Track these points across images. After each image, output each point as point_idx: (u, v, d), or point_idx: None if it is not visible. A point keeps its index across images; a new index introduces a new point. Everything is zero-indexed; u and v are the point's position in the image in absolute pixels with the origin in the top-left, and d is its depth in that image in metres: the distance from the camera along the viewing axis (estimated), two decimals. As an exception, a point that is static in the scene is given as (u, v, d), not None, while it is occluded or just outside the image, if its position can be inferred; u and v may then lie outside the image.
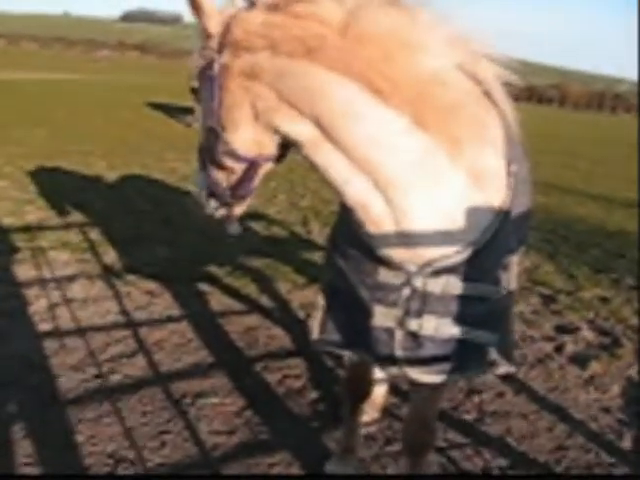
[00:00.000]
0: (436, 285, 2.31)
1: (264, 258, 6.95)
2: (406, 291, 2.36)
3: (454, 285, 2.31)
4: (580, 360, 5.05)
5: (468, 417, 4.13)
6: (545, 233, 9.21)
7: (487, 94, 2.23)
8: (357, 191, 2.20)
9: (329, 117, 2.07)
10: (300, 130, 2.14)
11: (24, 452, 3.44)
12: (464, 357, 2.47)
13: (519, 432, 4.01)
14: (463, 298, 2.34)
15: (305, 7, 2.02)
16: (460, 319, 2.38)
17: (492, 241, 2.27)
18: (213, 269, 6.48)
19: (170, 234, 7.53)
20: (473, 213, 2.22)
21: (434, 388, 2.67)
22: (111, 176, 10.59)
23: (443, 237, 2.23)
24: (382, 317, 2.46)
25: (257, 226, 8.27)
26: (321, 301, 2.86)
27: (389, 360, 2.57)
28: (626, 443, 3.96)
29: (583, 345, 5.37)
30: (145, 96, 28.67)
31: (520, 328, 5.60)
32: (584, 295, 6.65)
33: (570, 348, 5.28)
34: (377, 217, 2.23)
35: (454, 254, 2.26)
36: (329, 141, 2.13)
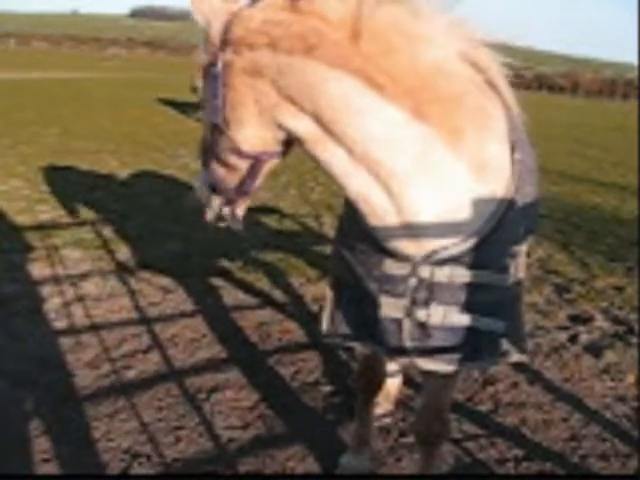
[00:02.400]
0: (442, 274, 2.31)
1: (276, 252, 6.96)
2: (412, 281, 2.36)
3: (460, 274, 2.32)
4: (595, 349, 5.03)
5: (483, 408, 4.13)
6: (557, 222, 9.17)
7: (489, 82, 2.22)
8: (359, 184, 2.21)
9: (328, 113, 2.08)
10: (302, 126, 2.15)
11: (41, 449, 3.47)
12: (475, 346, 2.47)
13: (534, 422, 4.00)
14: (470, 287, 2.35)
15: (307, 4, 2.03)
16: (467, 307, 2.38)
17: (497, 230, 2.27)
18: (226, 264, 6.50)
19: (182, 230, 7.54)
20: (476, 202, 2.22)
21: (446, 377, 2.68)
22: (123, 173, 10.62)
23: (446, 227, 2.24)
24: (390, 308, 2.47)
25: (269, 220, 8.28)
26: (330, 294, 2.87)
27: (399, 351, 2.58)
28: (642, 432, 3.95)
29: (598, 334, 5.35)
30: (155, 92, 28.73)
31: (534, 318, 5.59)
32: (598, 284, 6.62)
33: (584, 337, 5.26)
34: (380, 209, 2.24)
35: (458, 243, 2.26)
36: (330, 136, 2.13)
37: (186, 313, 5.33)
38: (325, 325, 2.88)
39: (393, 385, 4.02)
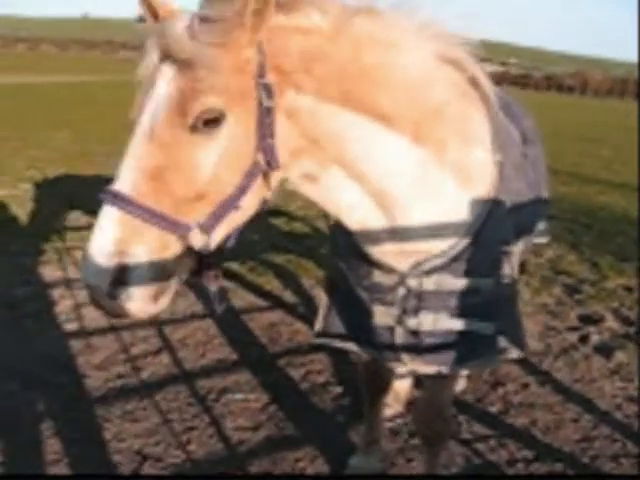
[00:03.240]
0: (430, 283, 2.32)
1: (286, 254, 6.97)
2: (401, 291, 2.38)
3: (447, 281, 2.32)
4: (605, 350, 5.02)
5: (493, 409, 4.12)
6: (567, 222, 9.14)
7: (471, 80, 2.21)
8: (363, 214, 2.21)
9: (350, 156, 2.05)
10: (324, 170, 2.07)
11: (52, 450, 3.49)
12: (468, 348, 2.47)
13: (544, 423, 3.99)
14: (457, 292, 2.35)
15: (298, 19, 1.88)
16: (456, 312, 2.39)
17: (480, 234, 2.27)
18: (235, 266, 6.50)
19: (192, 232, 7.53)
20: (462, 210, 2.24)
21: (441, 378, 2.69)
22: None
23: (433, 239, 2.25)
24: (382, 316, 2.49)
25: (279, 222, 8.29)
26: (324, 297, 2.87)
27: (392, 356, 2.59)
28: (653, 433, 3.93)
29: (608, 335, 5.33)
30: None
31: (544, 319, 5.58)
32: (608, 284, 6.59)
33: (595, 338, 5.24)
34: (375, 231, 2.26)
35: (443, 252, 2.27)
36: (349, 176, 2.10)
37: (196, 315, 5.34)
38: (318, 325, 2.87)
39: (403, 387, 4.02)
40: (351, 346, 2.78)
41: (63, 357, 4.48)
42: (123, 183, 1.81)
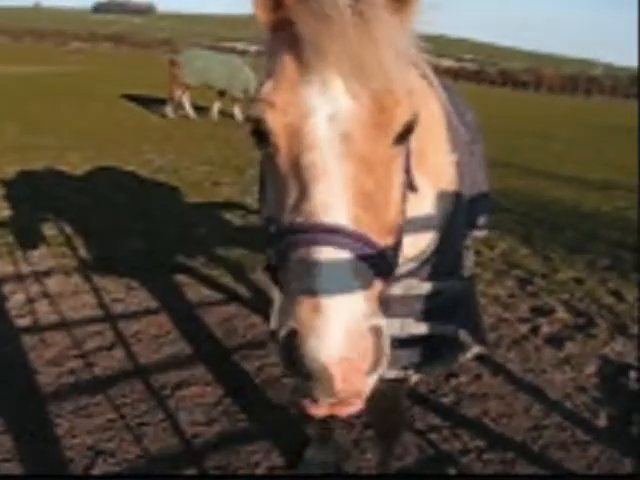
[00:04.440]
0: (397, 289, 2.28)
1: (241, 248, 6.94)
2: None
3: (414, 286, 2.30)
4: (556, 341, 5.13)
5: (446, 400, 4.18)
6: (520, 216, 9.28)
7: (424, 77, 2.05)
8: None
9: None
10: None
11: (4, 447, 3.43)
12: (431, 350, 2.47)
13: (496, 413, 4.06)
14: (423, 295, 2.34)
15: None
16: (421, 316, 2.37)
17: (445, 236, 2.26)
18: (189, 260, 6.47)
19: (145, 226, 7.49)
20: (432, 215, 2.22)
21: (399, 381, 2.68)
22: (85, 169, 10.48)
23: (409, 246, 2.22)
24: None
25: (233, 216, 8.25)
26: (276, 295, 2.79)
27: None
28: (602, 421, 4.03)
29: (558, 326, 5.45)
30: (119, 88, 28.38)
31: (496, 311, 5.67)
32: (559, 277, 6.73)
33: (546, 329, 5.35)
34: None
35: (418, 256, 2.25)
36: None
37: (150, 310, 5.30)
38: (273, 323, 2.77)
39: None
40: None
41: (15, 352, 4.40)
42: (341, 215, 1.34)
